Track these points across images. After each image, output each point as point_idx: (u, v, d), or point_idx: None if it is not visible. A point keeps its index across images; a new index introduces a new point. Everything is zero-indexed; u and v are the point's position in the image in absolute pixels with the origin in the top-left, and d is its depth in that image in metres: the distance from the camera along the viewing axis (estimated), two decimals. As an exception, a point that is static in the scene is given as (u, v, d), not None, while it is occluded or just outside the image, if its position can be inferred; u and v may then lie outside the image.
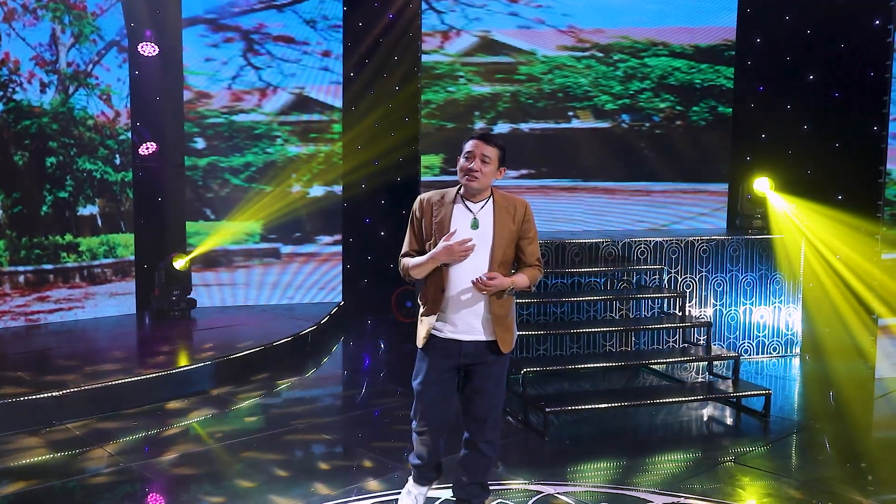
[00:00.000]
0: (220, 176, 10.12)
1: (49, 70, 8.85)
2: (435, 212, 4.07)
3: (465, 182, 4.01)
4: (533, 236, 4.16)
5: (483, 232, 3.99)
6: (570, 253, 7.70)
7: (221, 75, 10.10)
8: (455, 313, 4.03)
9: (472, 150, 3.99)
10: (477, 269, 3.95)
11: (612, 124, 9.98)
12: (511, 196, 4.16)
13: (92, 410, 6.44)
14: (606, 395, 6.73)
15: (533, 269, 4.16)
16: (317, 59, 10.43)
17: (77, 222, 9.24)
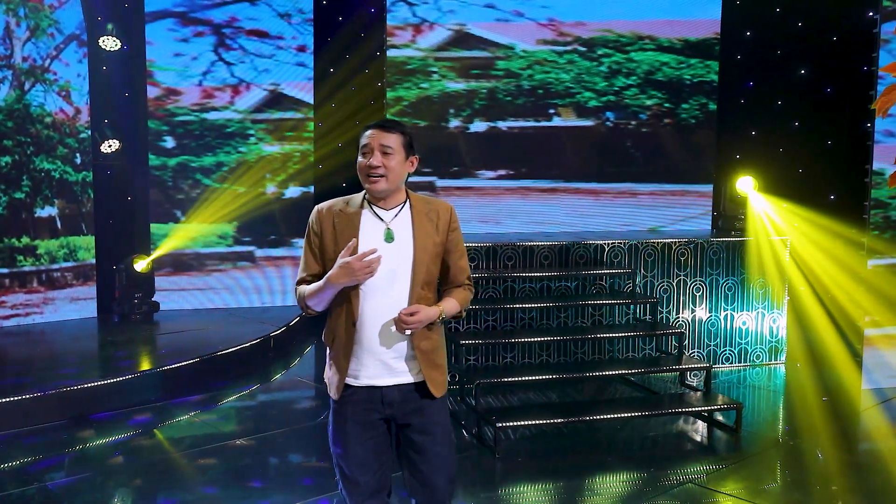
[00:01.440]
0: (190, 176, 9.84)
1: (2, 65, 8.58)
2: (337, 223, 3.26)
3: (369, 185, 3.23)
4: (462, 249, 3.43)
5: (400, 245, 3.21)
6: (539, 256, 7.35)
7: (192, 71, 9.83)
8: (372, 353, 3.23)
9: (369, 143, 3.21)
10: (396, 294, 3.19)
11: (595, 122, 9.61)
12: (431, 199, 3.41)
13: (19, 422, 6.12)
14: (565, 409, 6.36)
15: (463, 290, 3.42)
16: (291, 54, 10.15)
17: (35, 224, 8.96)
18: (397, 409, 3.25)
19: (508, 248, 7.30)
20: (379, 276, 3.15)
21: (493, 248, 7.28)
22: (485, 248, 7.27)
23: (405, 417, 3.27)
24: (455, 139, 9.55)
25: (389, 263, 3.17)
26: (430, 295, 3.26)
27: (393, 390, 3.24)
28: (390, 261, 3.17)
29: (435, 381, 3.27)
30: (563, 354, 7.37)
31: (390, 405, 3.24)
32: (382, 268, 3.15)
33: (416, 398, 3.26)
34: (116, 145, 9.38)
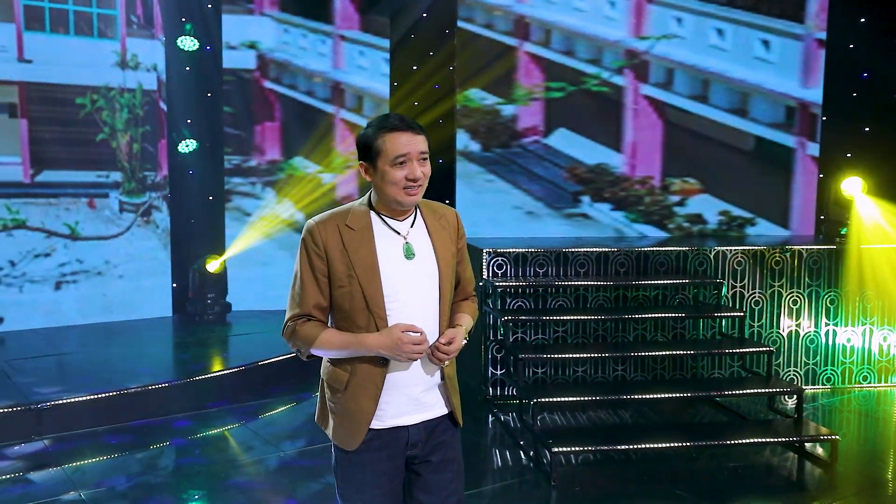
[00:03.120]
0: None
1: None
2: (347, 241, 2.75)
3: (406, 199, 2.74)
4: (468, 257, 3.07)
5: (422, 261, 2.80)
6: (614, 263, 6.77)
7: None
8: (400, 388, 2.79)
9: (409, 152, 2.71)
10: (426, 317, 2.78)
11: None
12: (435, 204, 2.98)
13: (77, 423, 5.98)
14: (635, 432, 5.77)
15: (472, 302, 3.07)
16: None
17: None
18: (420, 449, 2.84)
19: (580, 255, 6.75)
20: (405, 299, 2.76)
21: (563, 254, 6.75)
22: (554, 254, 6.75)
23: (426, 455, 2.86)
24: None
25: (415, 283, 2.78)
26: (447, 312, 2.90)
27: (419, 428, 2.82)
28: (416, 280, 2.78)
29: (458, 408, 2.92)
30: (641, 370, 6.77)
31: (413, 446, 2.83)
32: (409, 288, 2.77)
33: (441, 432, 2.87)
34: (194, 145, 9.27)
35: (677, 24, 8.19)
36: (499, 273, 6.71)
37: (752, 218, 8.28)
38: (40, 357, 7.38)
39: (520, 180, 8.40)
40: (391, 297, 2.73)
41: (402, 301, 2.74)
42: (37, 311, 8.56)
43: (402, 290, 2.74)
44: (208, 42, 9.23)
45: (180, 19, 9.15)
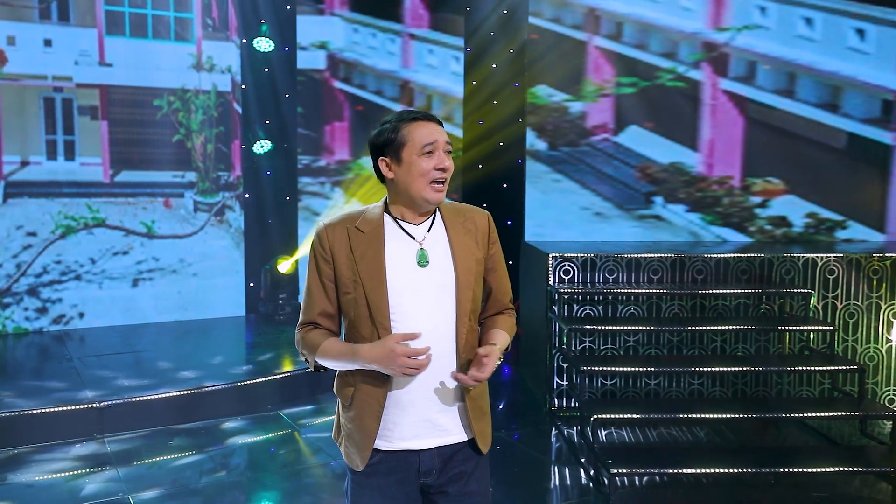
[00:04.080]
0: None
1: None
2: (355, 245, 2.37)
3: (432, 194, 2.35)
4: (503, 264, 2.57)
5: (438, 269, 2.37)
6: (692, 270, 5.87)
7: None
8: (409, 409, 2.37)
9: (437, 140, 2.34)
10: (438, 330, 2.35)
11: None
12: (462, 205, 2.53)
13: (139, 423, 5.58)
14: (710, 454, 4.87)
15: (508, 317, 2.56)
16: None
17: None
18: (435, 478, 2.41)
19: (654, 261, 5.87)
20: (413, 310, 2.34)
21: (635, 260, 5.88)
22: (625, 260, 5.89)
23: (442, 486, 2.42)
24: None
25: (428, 293, 2.35)
26: (475, 326, 2.46)
27: (432, 455, 2.38)
28: (428, 290, 2.35)
29: (484, 434, 2.46)
30: (720, 385, 5.85)
31: (426, 474, 2.39)
32: (420, 298, 2.35)
33: (460, 461, 2.42)
34: (269, 146, 8.70)
35: (760, 13, 7.18)
36: (565, 279, 5.89)
37: (842, 221, 7.21)
38: (113, 355, 7.00)
39: (588, 180, 7.53)
40: (398, 308, 2.33)
41: (409, 312, 2.33)
42: (115, 307, 8.21)
43: (411, 300, 2.34)
44: (283, 43, 8.66)
45: (256, 21, 8.61)
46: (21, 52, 7.85)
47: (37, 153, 7.97)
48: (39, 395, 5.72)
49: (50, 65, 7.99)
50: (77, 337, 7.72)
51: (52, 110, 8.05)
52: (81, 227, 8.13)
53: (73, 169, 8.12)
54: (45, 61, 7.97)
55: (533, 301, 6.50)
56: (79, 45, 8.08)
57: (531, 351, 6.64)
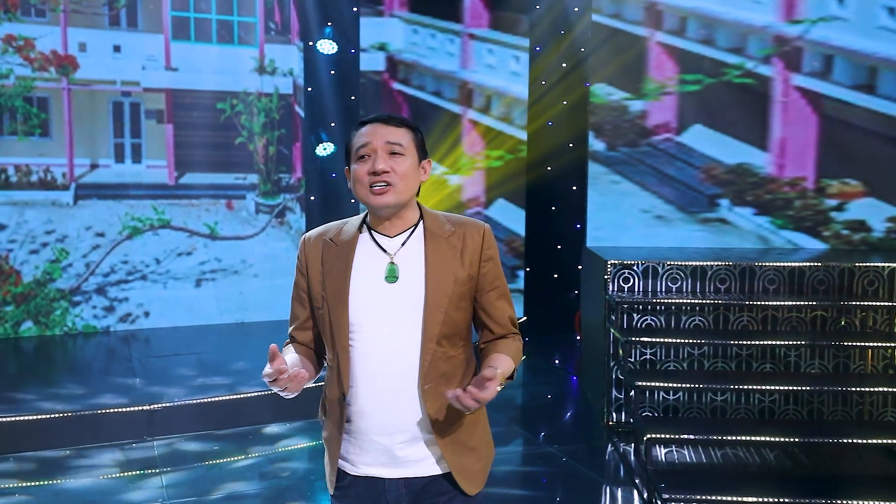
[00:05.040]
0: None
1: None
2: (326, 257, 2.07)
3: (373, 199, 2.01)
4: (503, 285, 2.16)
5: (407, 286, 2.02)
6: (763, 279, 5.10)
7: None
8: (365, 436, 2.04)
9: (370, 142, 2.02)
10: (401, 353, 1.99)
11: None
12: (457, 218, 2.14)
13: (188, 427, 5.21)
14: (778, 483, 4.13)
15: (512, 340, 2.15)
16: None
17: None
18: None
19: (721, 269, 5.13)
20: (378, 329, 2.01)
21: (700, 268, 5.15)
22: (690, 268, 5.16)
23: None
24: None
25: (392, 312, 2.01)
26: (453, 352, 2.05)
27: (398, 485, 2.03)
28: (394, 309, 2.02)
29: (468, 471, 2.06)
30: (794, 404, 5.05)
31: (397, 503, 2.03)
32: (383, 318, 2.01)
33: (432, 494, 2.04)
34: (332, 148, 8.20)
35: (838, 3, 6.29)
36: (625, 287, 5.21)
37: (929, 226, 6.30)
38: (172, 356, 6.66)
39: (649, 182, 6.76)
40: (358, 327, 2.01)
41: (370, 332, 2.01)
42: (179, 307, 7.88)
43: (373, 319, 2.01)
44: (346, 45, 8.15)
45: (319, 24, 8.12)
46: (91, 58, 7.59)
47: (105, 156, 7.71)
48: (94, 396, 5.45)
49: (119, 70, 7.71)
50: (142, 337, 7.44)
51: (120, 114, 7.77)
52: (147, 229, 7.85)
53: (139, 171, 7.83)
54: (114, 67, 7.70)
55: (592, 310, 5.82)
56: (146, 51, 7.80)
57: (591, 362, 5.96)
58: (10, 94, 7.33)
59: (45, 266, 7.47)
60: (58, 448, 4.89)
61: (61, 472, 4.61)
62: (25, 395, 5.58)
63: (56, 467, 4.67)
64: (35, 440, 4.90)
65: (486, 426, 2.15)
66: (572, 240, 7.44)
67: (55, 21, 7.48)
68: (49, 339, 7.30)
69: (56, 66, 7.49)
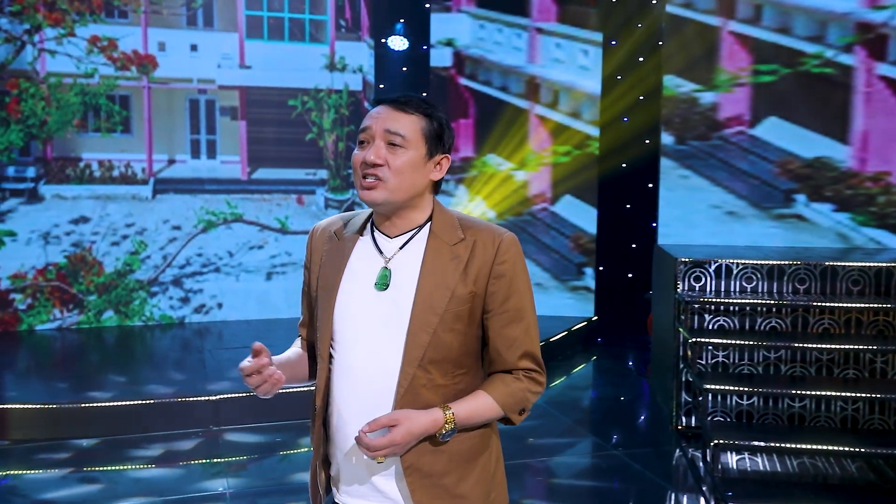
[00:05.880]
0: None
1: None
2: (326, 254, 1.78)
3: (361, 192, 1.71)
4: (518, 307, 1.72)
5: (397, 298, 1.69)
6: (846, 280, 4.65)
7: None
8: (342, 460, 1.73)
9: (370, 126, 1.70)
10: (383, 373, 1.67)
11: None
12: (472, 223, 1.75)
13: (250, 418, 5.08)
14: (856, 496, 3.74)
15: (514, 380, 1.72)
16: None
17: (314, 217, 7.95)
18: None
19: (800, 269, 4.70)
20: (360, 342, 1.70)
21: (777, 267, 4.73)
22: (766, 267, 4.75)
23: None
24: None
25: (379, 325, 1.69)
26: (443, 381, 1.68)
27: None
28: (381, 322, 1.69)
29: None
30: (879, 413, 4.58)
31: None
32: (366, 330, 1.70)
33: None
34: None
35: (928, -12, 5.75)
36: (696, 286, 4.83)
37: None
38: (242, 348, 6.49)
39: (720, 176, 6.32)
40: (340, 336, 1.72)
41: (350, 344, 1.70)
42: (250, 299, 7.81)
43: (356, 330, 1.70)
44: (416, 42, 7.93)
45: (389, 21, 7.93)
46: (170, 57, 7.57)
47: (182, 152, 7.69)
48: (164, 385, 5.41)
49: (195, 68, 7.67)
50: (215, 330, 7.38)
51: (196, 111, 7.74)
52: (221, 222, 7.80)
53: (214, 167, 7.78)
54: (191, 65, 7.66)
55: (663, 309, 5.45)
56: (221, 49, 7.73)
57: (660, 363, 5.59)
58: (95, 93, 7.36)
59: (126, 258, 7.49)
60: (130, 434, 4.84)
61: (135, 458, 4.55)
62: (103, 383, 5.57)
63: (129, 453, 4.61)
64: (110, 426, 4.87)
65: (489, 472, 1.74)
66: (647, 238, 7.04)
67: (136, 22, 7.48)
68: (128, 329, 7.32)
69: (137, 65, 7.48)
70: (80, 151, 7.39)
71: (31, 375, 5.96)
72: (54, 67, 7.22)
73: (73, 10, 7.22)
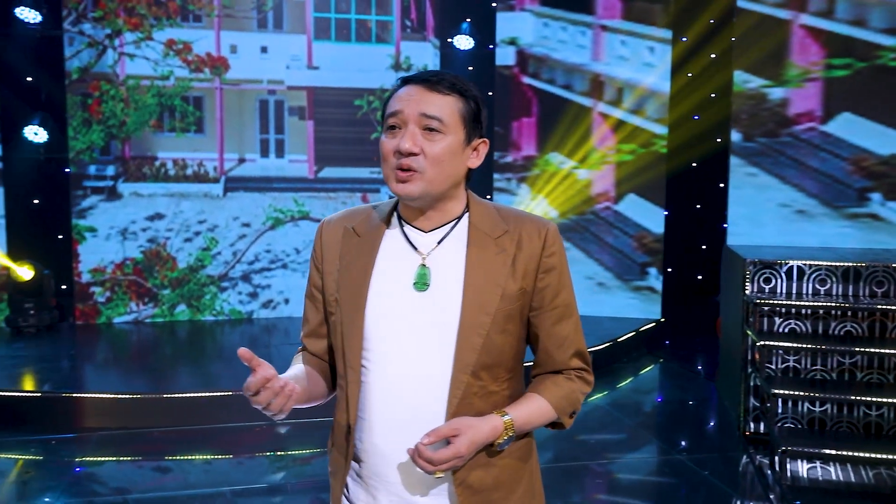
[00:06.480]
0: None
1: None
2: (345, 250, 1.57)
3: (395, 185, 1.51)
4: (567, 303, 1.57)
5: (441, 298, 1.51)
6: (927, 283, 4.36)
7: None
8: (375, 481, 1.54)
9: (401, 110, 1.48)
10: (426, 385, 1.49)
11: None
12: (513, 213, 1.58)
13: (316, 413, 4.96)
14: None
15: (566, 380, 1.58)
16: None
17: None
18: None
19: (878, 271, 4.43)
20: (400, 349, 1.50)
21: (854, 269, 4.46)
22: (842, 269, 4.48)
23: None
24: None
25: (420, 329, 1.49)
26: (495, 387, 1.52)
27: None
28: (422, 324, 1.49)
29: None
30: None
31: None
32: (407, 334, 1.50)
33: None
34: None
35: None
36: (766, 288, 4.60)
37: None
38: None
39: (789, 174, 6.02)
40: (374, 343, 1.51)
41: (388, 351, 1.50)
42: (316, 295, 7.77)
43: (393, 336, 1.50)
44: (482, 41, 7.82)
45: (454, 21, 7.85)
46: (241, 59, 7.65)
47: (252, 151, 7.77)
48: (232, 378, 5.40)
49: (265, 70, 7.74)
50: (282, 326, 7.42)
51: (265, 112, 7.81)
52: (288, 220, 7.85)
53: (282, 165, 7.83)
54: (261, 67, 7.73)
55: (731, 312, 5.22)
56: (290, 51, 7.78)
57: (728, 367, 5.36)
58: (170, 94, 7.49)
59: (198, 253, 7.61)
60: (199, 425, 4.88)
61: (203, 448, 4.60)
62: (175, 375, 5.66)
63: (198, 444, 4.66)
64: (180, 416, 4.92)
65: (532, 483, 1.59)
66: (717, 239, 6.76)
67: (210, 25, 7.57)
68: (199, 324, 7.43)
69: (210, 67, 7.58)
70: (156, 151, 7.54)
71: (109, 367, 6.10)
72: (133, 70, 7.37)
73: (151, 15, 7.35)
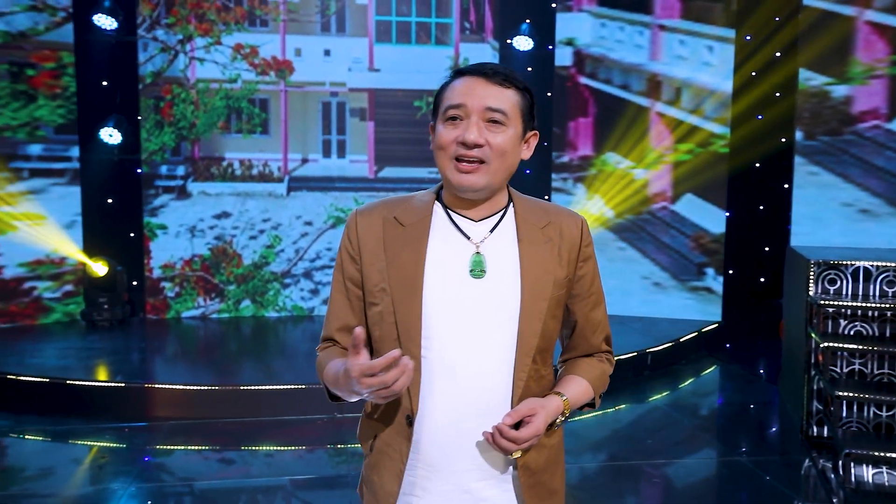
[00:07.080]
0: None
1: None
2: (389, 240, 1.55)
3: (457, 176, 1.50)
4: (598, 291, 1.64)
5: (498, 285, 1.51)
6: None
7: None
8: (439, 471, 1.51)
9: (465, 103, 1.48)
10: (487, 371, 1.49)
11: None
12: (547, 205, 1.64)
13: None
14: None
15: (598, 362, 1.64)
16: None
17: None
18: None
19: (951, 273, 4.20)
20: (462, 336, 1.49)
21: (925, 272, 4.25)
22: (913, 271, 4.28)
23: None
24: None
25: (479, 315, 1.49)
26: (545, 371, 1.56)
27: None
28: (481, 311, 1.49)
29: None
30: None
31: None
32: (466, 321, 1.49)
33: None
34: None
35: None
36: (830, 290, 4.42)
37: None
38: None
39: (852, 173, 5.81)
40: (434, 330, 1.49)
41: (448, 339, 1.49)
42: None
43: (454, 323, 1.49)
44: (541, 42, 7.73)
45: (514, 22, 7.79)
46: (305, 62, 7.74)
47: (314, 151, 7.85)
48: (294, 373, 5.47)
49: (328, 72, 7.82)
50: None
51: (328, 113, 7.88)
52: (349, 219, 7.89)
53: (343, 166, 7.90)
54: (324, 69, 7.81)
55: (794, 313, 5.04)
56: (352, 53, 7.83)
57: (791, 370, 5.17)
58: (238, 97, 7.62)
59: (262, 251, 7.73)
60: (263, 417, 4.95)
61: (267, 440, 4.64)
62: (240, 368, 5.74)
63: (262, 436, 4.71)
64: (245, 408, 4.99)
65: (563, 464, 1.65)
66: (780, 241, 6.53)
67: (275, 29, 7.68)
68: (263, 320, 7.54)
69: (275, 70, 7.69)
70: (224, 151, 7.68)
71: (177, 359, 6.24)
72: (202, 74, 7.53)
73: (221, 21, 7.49)
